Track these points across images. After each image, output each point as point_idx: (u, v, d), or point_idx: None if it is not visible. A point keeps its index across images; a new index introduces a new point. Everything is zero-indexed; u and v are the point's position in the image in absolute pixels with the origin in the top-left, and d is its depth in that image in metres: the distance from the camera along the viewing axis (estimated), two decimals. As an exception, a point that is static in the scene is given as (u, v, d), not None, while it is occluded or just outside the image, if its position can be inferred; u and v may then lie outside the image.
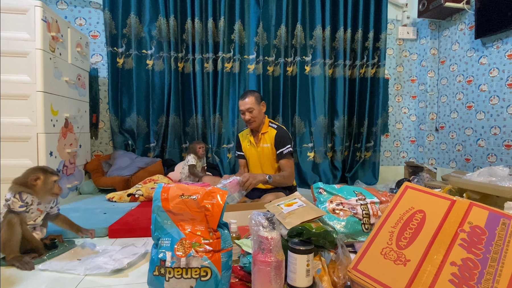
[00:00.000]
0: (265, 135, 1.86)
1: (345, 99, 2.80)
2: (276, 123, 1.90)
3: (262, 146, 1.86)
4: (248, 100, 1.79)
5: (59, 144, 1.90)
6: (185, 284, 0.77)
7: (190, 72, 2.58)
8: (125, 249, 1.16)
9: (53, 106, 1.84)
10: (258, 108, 1.81)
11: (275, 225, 0.81)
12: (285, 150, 1.78)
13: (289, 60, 2.71)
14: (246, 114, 1.80)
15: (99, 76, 2.59)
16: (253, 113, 1.79)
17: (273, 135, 1.83)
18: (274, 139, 1.82)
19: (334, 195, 1.27)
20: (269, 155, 1.84)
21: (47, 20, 1.77)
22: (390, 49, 3.05)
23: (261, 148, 1.86)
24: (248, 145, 1.91)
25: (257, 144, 1.89)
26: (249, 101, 1.78)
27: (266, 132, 1.86)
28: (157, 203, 0.83)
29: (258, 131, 1.88)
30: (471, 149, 2.56)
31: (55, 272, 1.02)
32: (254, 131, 1.90)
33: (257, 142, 1.89)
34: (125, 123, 2.53)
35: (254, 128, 1.87)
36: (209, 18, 2.53)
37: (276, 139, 1.81)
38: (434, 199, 0.87)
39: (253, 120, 1.81)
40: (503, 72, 2.29)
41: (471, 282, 0.67)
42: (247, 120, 1.82)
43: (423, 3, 2.70)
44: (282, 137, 1.81)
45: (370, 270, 0.77)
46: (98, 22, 2.57)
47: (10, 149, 1.68)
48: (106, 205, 1.86)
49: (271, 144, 1.83)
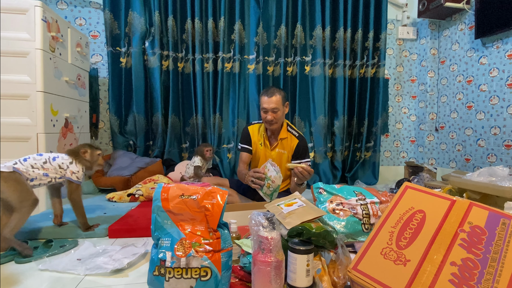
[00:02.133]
0: (284, 142, 1.73)
1: (345, 99, 2.80)
2: (295, 128, 1.79)
3: (280, 152, 1.74)
4: (275, 99, 1.60)
5: (59, 144, 1.90)
6: (185, 284, 0.77)
7: (190, 72, 2.58)
8: (125, 249, 1.16)
9: (53, 106, 1.84)
10: (282, 109, 1.66)
11: (275, 225, 0.81)
12: (303, 162, 1.68)
13: (289, 60, 2.71)
14: (269, 114, 1.63)
15: (99, 76, 2.59)
16: (277, 114, 1.63)
17: (294, 145, 1.71)
18: (295, 150, 1.71)
19: (334, 195, 1.27)
20: (284, 163, 1.71)
21: (47, 20, 1.77)
22: (390, 49, 3.05)
23: (277, 153, 1.74)
24: (261, 145, 1.77)
25: (272, 147, 1.76)
26: (276, 100, 1.61)
27: (285, 138, 1.72)
28: (157, 203, 0.83)
29: (276, 134, 1.74)
30: (471, 149, 2.56)
31: (55, 272, 1.02)
32: (271, 132, 1.76)
33: (272, 146, 1.76)
34: (125, 123, 2.53)
35: (273, 130, 1.73)
36: (209, 18, 2.53)
37: (297, 149, 1.70)
38: (434, 199, 0.87)
39: (275, 121, 1.65)
40: (503, 72, 2.29)
41: (471, 282, 0.67)
42: (269, 120, 1.65)
43: (423, 3, 2.70)
44: (304, 149, 1.71)
45: (370, 270, 0.77)
46: (98, 22, 2.57)
47: (10, 149, 1.68)
48: (106, 205, 1.86)
49: (289, 153, 1.73)
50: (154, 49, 2.49)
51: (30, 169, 1.23)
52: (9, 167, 1.19)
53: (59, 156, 1.34)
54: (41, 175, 1.26)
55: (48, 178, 1.28)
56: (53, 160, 1.31)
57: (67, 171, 1.32)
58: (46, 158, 1.30)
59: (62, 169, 1.31)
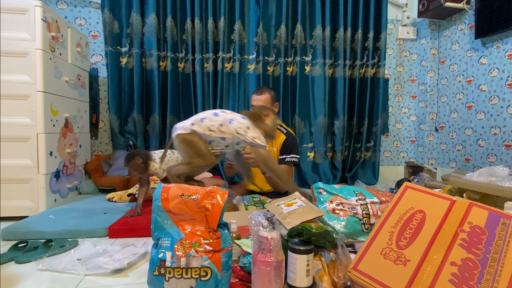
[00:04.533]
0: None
1: (345, 99, 2.80)
2: (285, 126, 1.82)
3: (269, 149, 1.78)
4: (263, 97, 1.66)
5: (59, 144, 1.90)
6: (185, 284, 0.77)
7: (190, 72, 2.58)
8: (125, 249, 1.16)
9: (53, 106, 1.84)
10: (271, 107, 1.69)
11: (275, 225, 0.81)
12: (288, 157, 1.70)
13: (289, 60, 2.71)
14: None
15: (99, 76, 2.59)
16: None
17: (281, 140, 1.74)
18: (282, 145, 1.74)
19: (334, 195, 1.27)
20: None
21: (47, 20, 1.77)
22: (390, 49, 3.05)
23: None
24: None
25: None
26: (264, 99, 1.66)
27: None
28: (157, 203, 0.83)
29: None
30: (471, 149, 2.56)
31: (55, 272, 1.02)
32: None
33: None
34: (125, 123, 2.53)
35: None
36: (209, 18, 2.53)
37: (284, 144, 1.73)
38: (434, 199, 0.87)
39: None
40: (503, 72, 2.29)
41: (471, 282, 0.67)
42: None
43: (423, 3, 2.71)
44: (290, 144, 1.72)
45: (370, 270, 0.77)
46: (98, 22, 2.57)
47: (10, 149, 1.68)
48: (106, 205, 1.85)
49: (278, 149, 1.76)
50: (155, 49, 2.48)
51: (207, 132, 1.18)
52: (187, 128, 1.15)
53: (235, 119, 1.24)
54: (219, 139, 1.20)
55: (225, 143, 1.21)
56: (229, 123, 1.22)
57: (246, 136, 1.22)
58: (222, 120, 1.21)
59: (240, 134, 1.22)
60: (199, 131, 1.18)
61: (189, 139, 1.14)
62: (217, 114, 1.24)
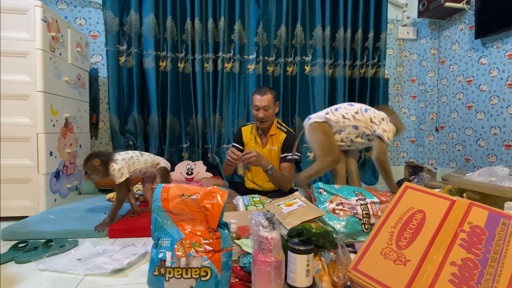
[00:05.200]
0: (273, 137, 1.79)
1: (345, 99, 2.79)
2: (285, 125, 1.84)
3: (270, 148, 1.80)
4: (266, 98, 1.68)
5: (59, 144, 1.90)
6: (185, 284, 0.77)
7: (190, 72, 2.58)
8: (125, 249, 1.16)
9: (53, 106, 1.84)
10: (273, 108, 1.73)
11: (275, 225, 0.81)
12: (289, 155, 1.71)
13: (289, 60, 2.71)
14: (261, 112, 1.71)
15: (99, 76, 2.59)
16: (268, 112, 1.71)
17: (282, 139, 1.76)
18: (283, 143, 1.75)
19: (334, 195, 1.27)
20: (275, 159, 1.78)
21: (47, 20, 1.77)
22: (390, 49, 3.05)
23: (268, 150, 1.80)
24: (253, 144, 1.84)
25: (263, 145, 1.82)
26: (267, 99, 1.68)
27: (274, 134, 1.79)
28: (157, 203, 0.83)
29: (266, 131, 1.81)
30: (471, 149, 2.56)
31: (55, 272, 1.02)
32: (262, 131, 1.83)
33: (263, 143, 1.83)
34: (125, 122, 2.53)
35: (264, 128, 1.80)
36: (209, 18, 2.53)
37: (284, 143, 1.74)
38: (434, 199, 0.87)
39: (266, 119, 1.73)
40: (503, 72, 2.29)
41: (471, 282, 0.67)
42: (260, 118, 1.72)
43: (423, 3, 2.70)
44: (291, 143, 1.73)
45: (370, 270, 0.77)
46: (98, 22, 2.57)
47: (10, 149, 1.69)
48: (106, 205, 1.86)
49: (279, 148, 1.77)
50: (154, 49, 2.48)
51: (341, 119, 1.18)
52: (322, 117, 1.14)
53: (371, 109, 1.25)
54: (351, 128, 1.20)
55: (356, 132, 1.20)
56: (365, 112, 1.22)
57: (379, 127, 1.22)
58: (358, 108, 1.22)
59: (374, 124, 1.22)
60: (333, 119, 1.21)
61: (322, 127, 1.15)
62: (352, 104, 1.26)
